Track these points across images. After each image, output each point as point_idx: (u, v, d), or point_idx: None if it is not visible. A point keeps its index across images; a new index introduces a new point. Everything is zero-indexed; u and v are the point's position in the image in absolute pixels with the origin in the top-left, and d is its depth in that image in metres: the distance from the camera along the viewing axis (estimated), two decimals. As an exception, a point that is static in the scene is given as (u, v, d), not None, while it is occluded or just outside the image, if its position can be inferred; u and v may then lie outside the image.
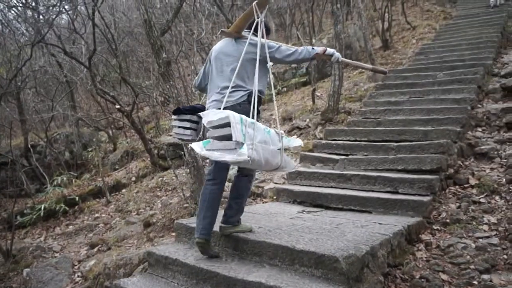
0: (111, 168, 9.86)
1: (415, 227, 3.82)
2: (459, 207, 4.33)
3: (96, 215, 7.46)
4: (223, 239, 3.50)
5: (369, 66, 4.50)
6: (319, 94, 9.47)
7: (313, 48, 3.36)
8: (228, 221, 3.40)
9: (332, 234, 3.39)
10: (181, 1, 5.88)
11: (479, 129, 6.10)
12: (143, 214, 6.49)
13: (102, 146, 11.74)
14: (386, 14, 12.69)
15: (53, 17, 9.48)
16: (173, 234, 4.54)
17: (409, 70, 8.95)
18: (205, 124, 2.76)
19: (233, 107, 3.03)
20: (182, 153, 5.72)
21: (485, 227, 3.93)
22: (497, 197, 4.47)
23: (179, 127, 3.49)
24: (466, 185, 4.77)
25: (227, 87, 3.15)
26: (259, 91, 3.16)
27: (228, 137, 2.60)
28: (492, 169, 5.07)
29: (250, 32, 3.19)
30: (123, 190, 8.36)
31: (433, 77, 8.00)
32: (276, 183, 5.93)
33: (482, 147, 5.45)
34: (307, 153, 6.04)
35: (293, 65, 12.22)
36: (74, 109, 12.01)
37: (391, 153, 5.27)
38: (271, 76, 3.33)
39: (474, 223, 4.00)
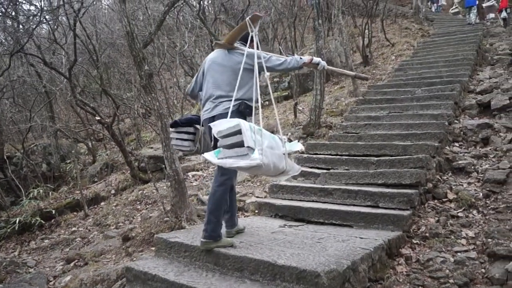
0: (90, 180, 9.66)
1: (395, 241, 3.85)
2: (438, 221, 4.40)
3: (73, 229, 7.27)
4: (203, 254, 3.45)
5: (352, 73, 4.73)
6: (300, 108, 9.55)
7: (301, 58, 3.57)
8: (209, 236, 3.38)
9: (313, 249, 3.39)
10: (164, 14, 5.88)
11: (457, 144, 6.24)
12: (122, 228, 6.36)
13: (81, 158, 11.52)
14: (366, 31, 12.96)
15: (33, 26, 9.34)
16: (153, 248, 4.46)
17: (388, 86, 9.13)
18: (215, 134, 2.87)
19: (223, 116, 3.20)
20: (163, 166, 5.65)
21: (463, 241, 4.00)
22: (474, 211, 4.56)
23: (177, 139, 3.74)
24: (444, 200, 4.85)
25: (220, 96, 3.37)
26: (249, 99, 3.33)
27: (239, 144, 2.73)
28: (469, 183, 5.18)
29: (242, 43, 3.42)
30: (102, 203, 8.19)
31: (412, 93, 8.18)
32: (258, 197, 5.91)
33: (460, 162, 5.57)
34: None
35: (275, 79, 12.38)
36: (52, 120, 11.78)
37: (372, 168, 5.34)
38: (269, 84, 3.66)
39: (452, 237, 4.06)
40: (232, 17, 12.80)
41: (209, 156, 2.90)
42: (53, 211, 7.75)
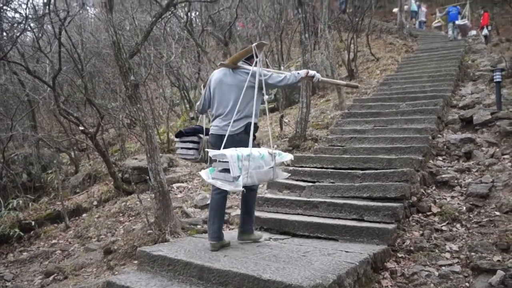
0: (72, 191, 9.47)
1: (380, 255, 3.84)
2: (422, 234, 4.42)
3: (53, 241, 7.09)
4: (187, 268, 3.39)
5: (343, 82, 5.04)
6: (286, 120, 9.58)
7: (298, 73, 3.89)
8: (244, 231, 4.03)
9: (299, 263, 3.35)
10: (152, 24, 5.86)
11: (440, 158, 6.33)
12: (104, 241, 6.22)
13: (63, 168, 11.30)
14: (352, 45, 13.16)
15: (17, 34, 9.20)
16: (135, 262, 4.36)
17: (373, 100, 9.24)
18: (211, 156, 3.33)
19: (232, 137, 3.61)
20: (147, 177, 5.58)
21: (447, 255, 4.02)
22: (458, 225, 4.60)
23: (182, 148, 4.08)
24: (428, 213, 4.89)
25: (228, 114, 3.73)
26: (255, 117, 3.70)
27: (227, 171, 3.20)
28: (452, 197, 5.24)
29: (245, 62, 3.88)
30: (84, 215, 8.03)
31: (396, 107, 8.29)
32: (243, 209, 5.86)
33: (443, 175, 5.64)
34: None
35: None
36: (34, 129, 11.56)
37: (357, 181, 5.35)
38: (266, 100, 3.83)
39: (437, 250, 4.08)
40: (219, 29, 12.87)
41: (204, 174, 3.32)
42: (33, 223, 7.55)
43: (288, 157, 3.71)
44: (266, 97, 3.68)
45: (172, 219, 5.31)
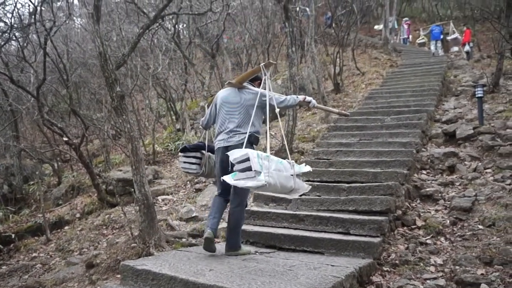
0: (54, 203, 9.28)
1: (366, 268, 3.84)
2: (407, 248, 4.44)
3: (34, 254, 6.92)
4: (172, 282, 3.33)
5: (336, 110, 5.18)
6: (273, 133, 9.60)
7: (297, 97, 4.22)
8: (232, 247, 4.09)
9: (285, 277, 3.33)
10: (139, 36, 5.85)
11: (424, 172, 6.40)
12: (86, 254, 6.09)
13: (46, 179, 11.10)
14: (338, 59, 13.33)
15: (2, 43, 9.08)
16: (119, 276, 4.28)
17: (359, 113, 9.34)
18: (231, 161, 3.45)
19: (236, 146, 3.82)
20: (132, 189, 5.51)
21: (432, 268, 4.04)
22: (442, 238, 4.64)
23: (185, 162, 4.35)
24: (413, 226, 4.92)
25: (233, 130, 4.01)
26: (257, 132, 4.03)
27: (249, 169, 3.30)
28: (436, 210, 5.29)
29: (249, 83, 4.17)
30: (66, 228, 7.87)
31: (381, 121, 8.39)
32: (229, 222, 5.82)
33: (427, 189, 5.70)
34: (261, 192, 6.00)
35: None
36: (17, 139, 11.35)
37: (343, 194, 5.37)
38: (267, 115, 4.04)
39: (421, 264, 4.10)
40: (206, 41, 12.91)
41: (227, 178, 3.40)
42: (13, 235, 7.38)
43: (306, 168, 3.82)
44: (277, 110, 3.91)
45: (156, 232, 5.24)
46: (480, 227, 4.69)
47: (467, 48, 16.66)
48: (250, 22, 16.75)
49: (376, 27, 17.41)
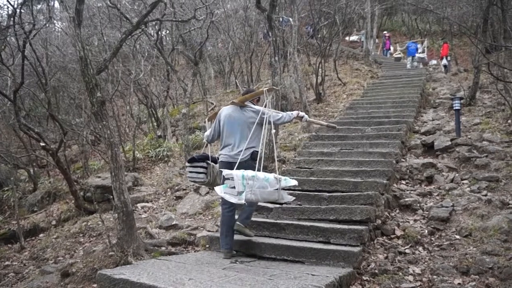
0: (29, 210, 9.01)
1: (346, 278, 3.85)
2: (386, 257, 4.48)
3: (7, 262, 6.69)
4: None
5: (325, 123, 5.77)
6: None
7: (292, 113, 4.68)
8: (242, 221, 4.51)
9: (265, 286, 3.31)
10: (121, 41, 5.78)
11: (403, 182, 6.50)
12: (62, 263, 5.91)
13: (21, 185, 10.77)
14: (320, 70, 13.47)
15: (-22, 45, 8.84)
16: (95, 286, 4.18)
17: (340, 123, 9.43)
18: (224, 175, 3.92)
19: (240, 164, 4.23)
20: (111, 196, 5.40)
21: (411, 278, 4.08)
22: (420, 248, 4.70)
23: (192, 172, 4.68)
24: (392, 236, 4.97)
25: (236, 146, 4.45)
26: (257, 147, 4.41)
27: (233, 186, 3.80)
28: (415, 220, 5.36)
29: (250, 102, 4.65)
30: (41, 235, 7.65)
31: (362, 131, 8.50)
32: (209, 231, 5.77)
33: (406, 199, 5.78)
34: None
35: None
36: (-9, 144, 11.03)
37: (324, 203, 5.39)
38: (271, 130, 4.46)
39: (400, 273, 4.14)
40: (190, 49, 12.86)
41: (218, 189, 3.87)
42: (-15, 243, 7.11)
43: (292, 182, 4.19)
44: (273, 131, 4.44)
45: (135, 240, 5.15)
46: (457, 237, 4.78)
47: (445, 61, 17.12)
48: (233, 30, 16.81)
49: (348, 38, 17.81)
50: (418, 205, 5.67)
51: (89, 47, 11.46)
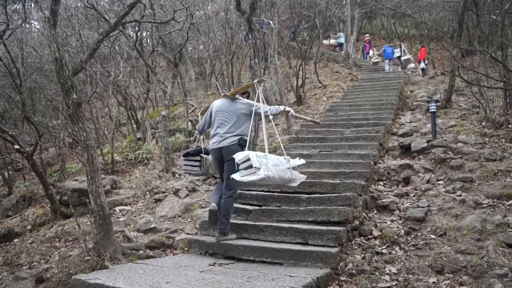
0: (3, 214, 8.77)
1: (323, 279, 3.88)
2: (363, 258, 4.53)
3: (-21, 269, 6.50)
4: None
5: (309, 118, 6.26)
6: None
7: (279, 107, 5.02)
8: (221, 233, 4.67)
9: (242, 289, 3.30)
10: (98, 42, 5.70)
11: (381, 183, 6.58)
12: (36, 268, 5.77)
13: (-5, 189, 10.51)
14: (300, 72, 13.57)
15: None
16: (70, 291, 4.09)
17: (320, 126, 9.48)
18: (237, 161, 4.14)
19: (228, 147, 4.64)
20: (88, 200, 5.31)
21: (387, 277, 4.14)
22: (397, 248, 4.77)
23: (188, 165, 5.19)
24: (370, 236, 5.03)
25: (225, 133, 4.74)
26: (245, 135, 4.78)
27: (250, 166, 4.04)
28: (392, 221, 5.44)
29: (240, 95, 5.01)
30: (15, 240, 7.45)
31: (341, 133, 8.59)
32: (188, 234, 5.73)
33: (384, 200, 5.86)
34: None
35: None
36: (-36, 147, 10.72)
37: (303, 205, 5.41)
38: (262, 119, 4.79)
39: (377, 273, 4.19)
40: (170, 50, 12.78)
41: (236, 176, 4.10)
42: (-44, 249, 6.89)
43: (300, 161, 4.59)
44: (263, 117, 4.71)
45: (112, 244, 5.08)
46: (432, 236, 4.87)
47: (422, 65, 17.47)
48: (214, 32, 16.78)
49: (324, 41, 18.06)
50: (395, 205, 5.75)
51: (66, 47, 11.28)
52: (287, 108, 5.16)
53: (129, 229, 6.31)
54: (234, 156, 4.24)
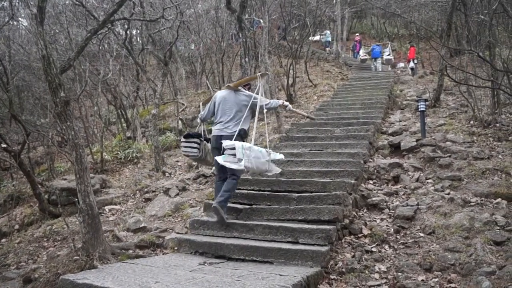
0: (-10, 214, 8.66)
1: (314, 277, 3.89)
2: (353, 256, 4.55)
3: (-35, 270, 6.39)
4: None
5: (306, 113, 6.68)
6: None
7: (278, 101, 5.56)
8: (220, 202, 4.91)
9: (232, 288, 3.29)
10: (86, 40, 5.64)
11: (371, 182, 6.62)
12: (24, 268, 5.70)
13: (-18, 189, 10.35)
14: (291, 71, 13.58)
15: None
16: (58, 291, 4.04)
17: (310, 124, 9.53)
18: (224, 147, 4.67)
19: (228, 137, 4.95)
20: (76, 199, 5.25)
21: (377, 276, 4.16)
22: (386, 246, 4.80)
23: (187, 146, 5.42)
24: (359, 235, 5.06)
25: (227, 122, 5.12)
26: (246, 126, 5.19)
27: (234, 155, 4.59)
28: (382, 219, 5.47)
29: (243, 87, 5.37)
30: (3, 240, 7.34)
31: (332, 132, 8.61)
32: (178, 233, 5.70)
33: (373, 198, 5.89)
34: (211, 201, 5.94)
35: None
36: (-50, 145, 10.51)
37: (293, 204, 5.41)
38: (257, 113, 5.19)
39: (366, 271, 4.21)
40: (160, 49, 12.70)
41: (219, 158, 4.66)
42: None
43: (280, 156, 5.16)
44: (264, 110, 5.14)
45: (101, 243, 5.03)
46: (421, 234, 4.91)
47: (411, 64, 17.62)
48: (204, 31, 16.71)
49: (310, 38, 18.16)
50: (384, 204, 5.79)
51: (54, 45, 11.14)
52: (285, 103, 5.54)
53: (119, 229, 6.27)
54: (223, 141, 4.73)
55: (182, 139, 5.54)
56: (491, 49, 9.30)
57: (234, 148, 4.57)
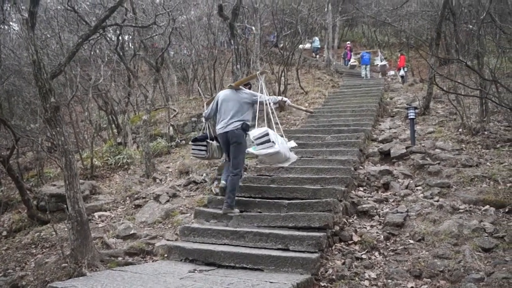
0: (-23, 220, 8.53)
1: (304, 284, 3.89)
2: (343, 263, 4.56)
3: (-50, 277, 6.27)
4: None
5: (304, 108, 7.24)
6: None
7: (277, 97, 5.87)
8: (228, 206, 5.34)
9: (222, 295, 3.28)
10: (78, 45, 5.63)
11: (361, 189, 6.65)
12: (11, 276, 5.61)
13: (-31, 194, 10.19)
14: (283, 78, 13.64)
15: None
16: (45, 299, 3.99)
17: (301, 131, 9.57)
18: (251, 137, 5.07)
19: (232, 132, 5.41)
20: (65, 206, 5.21)
21: (367, 283, 4.18)
22: (376, 253, 4.82)
23: (195, 149, 6.01)
24: (350, 242, 5.07)
25: (230, 119, 5.45)
26: (248, 121, 5.53)
27: (267, 141, 4.91)
28: (372, 226, 5.50)
29: (243, 86, 5.80)
30: (-10, 247, 7.24)
31: (322, 139, 8.66)
32: (168, 240, 5.67)
33: (364, 205, 5.92)
34: (202, 208, 5.94)
35: (193, 119, 12.44)
36: None
37: (284, 211, 5.42)
38: (257, 109, 5.58)
39: (357, 279, 4.22)
40: (152, 55, 12.69)
41: (251, 150, 5.15)
42: None
43: (293, 144, 5.42)
44: (273, 106, 5.59)
45: (90, 250, 4.99)
46: (411, 241, 4.94)
47: (402, 72, 17.81)
48: (196, 37, 16.74)
49: (301, 46, 18.33)
50: (374, 211, 5.82)
51: (45, 50, 11.08)
52: (284, 99, 5.95)
53: (108, 235, 6.21)
54: (249, 133, 5.19)
55: (191, 143, 6.27)
56: (479, 58, 9.45)
57: (265, 135, 4.86)
